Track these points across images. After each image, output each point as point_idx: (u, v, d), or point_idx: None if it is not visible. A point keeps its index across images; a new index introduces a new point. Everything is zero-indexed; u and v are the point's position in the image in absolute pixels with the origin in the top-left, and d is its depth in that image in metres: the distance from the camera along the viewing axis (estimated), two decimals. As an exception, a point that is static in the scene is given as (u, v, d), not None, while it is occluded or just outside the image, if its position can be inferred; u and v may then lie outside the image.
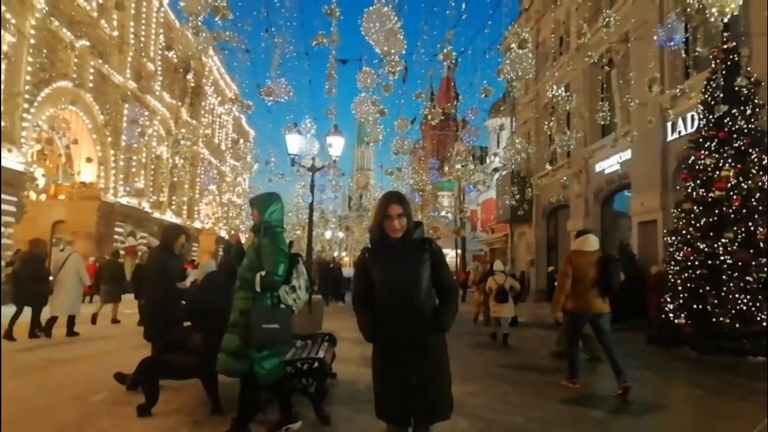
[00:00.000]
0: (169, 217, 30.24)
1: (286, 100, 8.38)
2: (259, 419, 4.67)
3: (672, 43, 6.06)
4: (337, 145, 10.93)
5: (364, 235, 47.40)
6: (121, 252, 24.01)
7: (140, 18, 25.96)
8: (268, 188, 44.17)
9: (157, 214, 29.01)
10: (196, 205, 36.22)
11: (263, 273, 3.96)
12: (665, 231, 11.51)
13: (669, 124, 14.17)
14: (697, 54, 9.56)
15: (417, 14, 11.40)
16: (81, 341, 9.70)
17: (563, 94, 10.97)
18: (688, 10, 5.04)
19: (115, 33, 23.77)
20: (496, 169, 30.25)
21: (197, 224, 35.94)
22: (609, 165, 17.80)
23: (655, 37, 6.96)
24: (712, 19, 4.86)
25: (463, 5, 8.48)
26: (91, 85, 21.67)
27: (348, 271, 31.40)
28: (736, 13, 5.07)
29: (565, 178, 16.73)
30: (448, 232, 36.97)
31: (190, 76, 30.83)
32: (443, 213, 38.99)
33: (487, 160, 41.76)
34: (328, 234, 44.90)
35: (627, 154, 16.33)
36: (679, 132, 13.75)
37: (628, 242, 15.27)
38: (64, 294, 10.02)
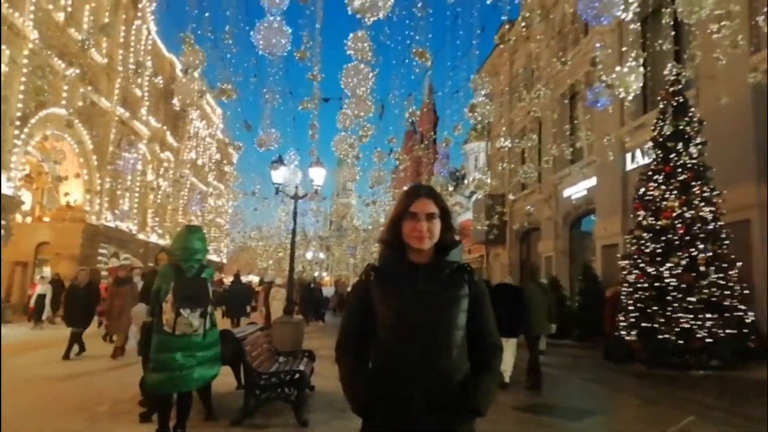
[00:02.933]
0: (154, 238, 30.63)
1: (275, 148, 9.34)
2: (247, 424, 5.41)
3: (599, 105, 6.92)
4: (318, 176, 11.75)
5: (345, 254, 47.89)
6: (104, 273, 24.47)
7: (129, 45, 26.69)
8: (252, 215, 44.14)
9: (141, 236, 29.39)
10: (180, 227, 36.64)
11: None
12: (619, 255, 12.47)
13: (629, 155, 15.27)
14: (628, 104, 10.58)
15: (395, 49, 12.16)
16: (84, 358, 10.15)
17: (509, 145, 11.94)
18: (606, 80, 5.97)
19: (104, 60, 24.43)
20: (473, 192, 31.22)
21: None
22: (576, 191, 18.76)
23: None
24: (620, 97, 5.91)
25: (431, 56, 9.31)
26: (80, 111, 22.24)
27: (328, 291, 32.03)
28: (637, 92, 6.09)
29: (529, 206, 17.64)
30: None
31: (175, 101, 31.52)
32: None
33: (466, 181, 42.82)
34: (309, 255, 45.43)
35: (592, 181, 17.32)
36: (638, 162, 14.82)
37: (590, 264, 16.21)
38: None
